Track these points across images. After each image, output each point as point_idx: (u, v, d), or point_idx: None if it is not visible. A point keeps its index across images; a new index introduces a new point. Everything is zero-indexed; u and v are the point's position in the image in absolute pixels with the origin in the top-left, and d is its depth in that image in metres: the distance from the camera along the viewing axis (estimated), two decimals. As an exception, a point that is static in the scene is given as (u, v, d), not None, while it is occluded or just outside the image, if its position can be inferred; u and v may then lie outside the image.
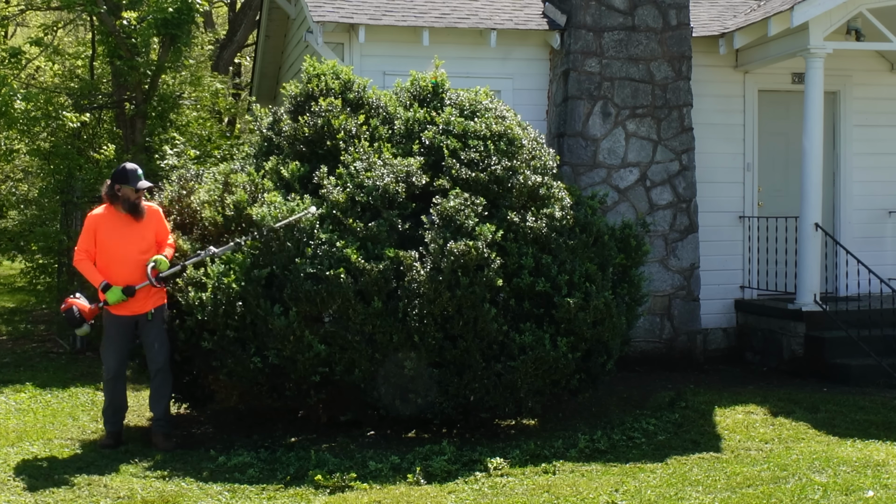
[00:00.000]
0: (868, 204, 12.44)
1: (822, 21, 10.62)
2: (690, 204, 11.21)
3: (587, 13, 10.97)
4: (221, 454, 7.38)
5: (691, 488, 6.58)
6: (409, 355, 7.55)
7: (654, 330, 11.06)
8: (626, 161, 11.05)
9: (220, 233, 8.01)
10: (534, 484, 6.72)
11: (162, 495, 6.50)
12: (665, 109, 11.15)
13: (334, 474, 6.82)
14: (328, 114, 8.36)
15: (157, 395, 7.77)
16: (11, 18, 20.75)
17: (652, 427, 8.18)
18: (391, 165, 8.02)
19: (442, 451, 7.32)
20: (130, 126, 13.87)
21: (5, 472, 6.97)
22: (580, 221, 8.27)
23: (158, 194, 8.69)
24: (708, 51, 11.65)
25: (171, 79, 14.12)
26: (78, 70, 16.17)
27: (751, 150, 12.07)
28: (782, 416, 8.59)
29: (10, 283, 20.73)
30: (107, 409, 7.78)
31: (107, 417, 7.79)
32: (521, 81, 11.39)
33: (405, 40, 10.91)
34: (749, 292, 11.92)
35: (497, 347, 7.75)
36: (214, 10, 24.22)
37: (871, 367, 10.17)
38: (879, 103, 12.53)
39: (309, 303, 7.44)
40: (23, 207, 14.91)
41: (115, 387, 7.76)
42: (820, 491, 6.42)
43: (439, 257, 7.54)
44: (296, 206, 7.70)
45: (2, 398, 9.48)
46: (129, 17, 12.98)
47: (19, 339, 13.40)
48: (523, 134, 8.60)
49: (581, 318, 7.81)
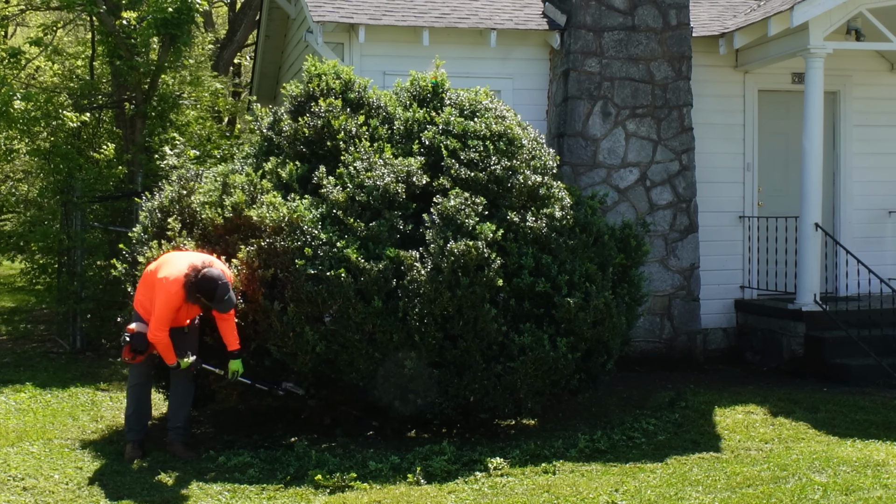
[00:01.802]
0: (868, 204, 12.44)
1: (822, 21, 10.62)
2: (690, 204, 11.21)
3: (587, 13, 10.97)
4: (221, 454, 7.38)
5: (691, 488, 6.58)
6: (409, 355, 7.55)
7: (654, 330, 11.06)
8: (626, 161, 11.05)
9: (220, 234, 8.01)
10: (534, 484, 6.72)
11: (162, 495, 6.50)
12: (665, 109, 11.15)
13: (334, 474, 6.82)
14: (328, 114, 8.36)
15: (180, 403, 7.55)
16: (11, 18, 20.75)
17: (652, 427, 8.18)
18: (391, 165, 8.02)
19: (442, 451, 7.32)
20: (130, 126, 13.86)
21: (5, 471, 6.96)
22: (580, 221, 8.27)
23: (159, 194, 8.69)
24: (708, 51, 11.65)
25: (171, 79, 14.11)
26: (78, 70, 16.16)
27: (751, 150, 12.07)
28: (782, 416, 8.59)
29: (10, 283, 20.73)
30: (131, 416, 7.51)
31: (130, 426, 7.50)
32: (521, 81, 11.39)
33: (405, 40, 10.91)
34: (749, 292, 11.91)
35: (497, 348, 7.75)
36: (214, 10, 24.22)
37: (871, 367, 10.17)
38: (879, 103, 12.53)
39: (310, 303, 7.44)
40: (23, 207, 14.90)
41: (141, 392, 7.55)
42: (820, 491, 6.42)
43: (439, 257, 7.54)
44: (297, 207, 7.70)
45: (2, 398, 9.48)
46: (129, 17, 12.97)
47: (19, 339, 13.40)
48: (523, 134, 8.60)
49: (581, 318, 7.81)
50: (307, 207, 7.72)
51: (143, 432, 7.54)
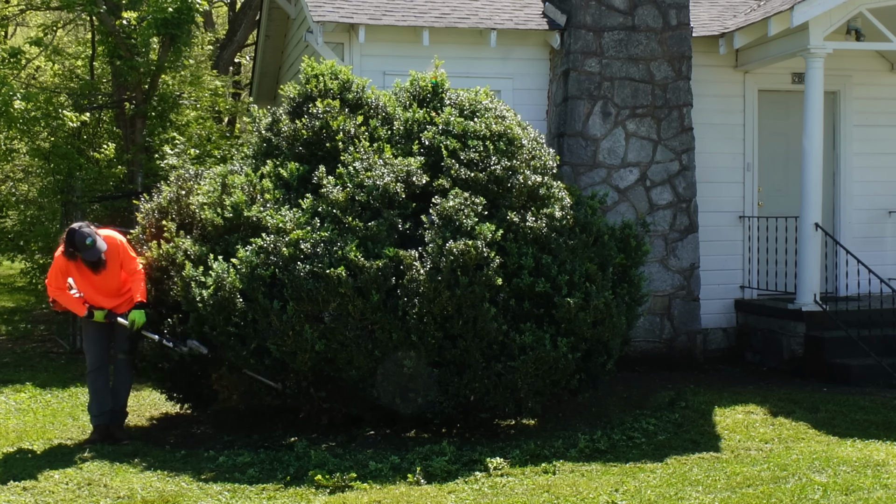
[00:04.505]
0: (868, 204, 12.43)
1: (822, 21, 10.62)
2: (690, 204, 11.21)
3: (587, 13, 10.97)
4: (221, 454, 7.38)
5: (691, 488, 6.58)
6: (408, 354, 7.55)
7: (654, 330, 11.06)
8: (626, 161, 11.05)
9: (220, 234, 8.01)
10: (534, 484, 6.72)
11: (162, 495, 6.50)
12: (665, 109, 11.15)
13: (334, 474, 6.82)
14: (326, 115, 8.36)
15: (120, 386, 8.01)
16: (11, 18, 20.75)
17: (652, 427, 8.18)
18: (391, 165, 8.02)
19: (442, 450, 7.32)
20: (130, 126, 13.88)
21: (5, 471, 6.96)
22: (580, 221, 8.26)
23: (157, 195, 8.68)
24: (708, 51, 11.65)
25: (171, 79, 14.12)
26: (78, 70, 16.17)
27: (751, 150, 12.07)
28: (782, 415, 8.59)
29: (10, 283, 20.74)
30: (90, 403, 7.94)
31: (91, 411, 7.94)
32: (521, 81, 11.39)
33: (405, 40, 10.91)
34: (749, 292, 11.91)
35: (497, 347, 7.75)
36: (214, 10, 24.21)
37: (871, 366, 10.17)
38: (879, 103, 12.52)
39: (310, 301, 7.44)
40: (23, 207, 14.90)
41: (97, 379, 7.88)
42: (820, 491, 6.42)
43: (438, 256, 7.54)
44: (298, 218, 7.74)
45: (2, 398, 9.48)
46: (129, 17, 12.98)
47: (19, 339, 13.40)
48: (523, 134, 8.60)
49: (581, 318, 7.81)
50: (304, 220, 7.74)
51: (103, 418, 7.89)
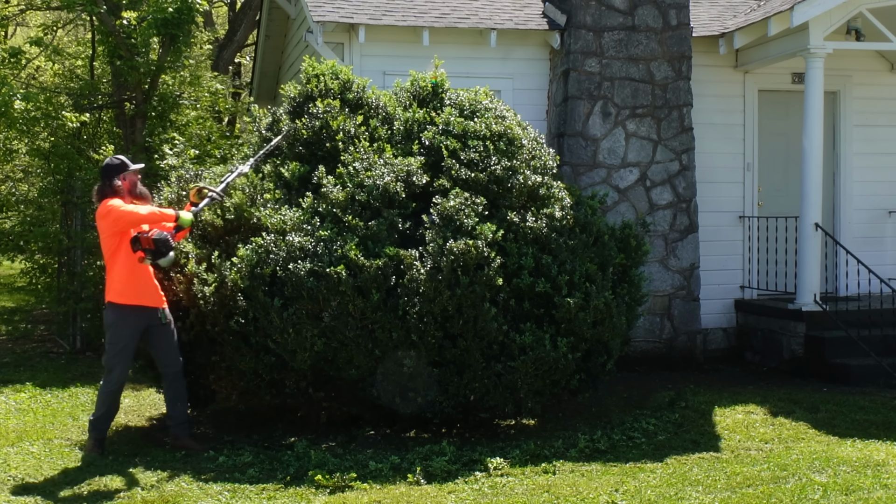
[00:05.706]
0: (868, 204, 12.44)
1: (822, 21, 10.62)
2: (690, 204, 11.21)
3: (587, 13, 10.97)
4: (221, 454, 7.38)
5: (691, 488, 6.58)
6: (408, 353, 7.55)
7: (654, 330, 11.06)
8: (626, 161, 11.05)
9: (220, 234, 8.02)
10: (534, 484, 6.72)
11: (162, 495, 6.50)
12: (665, 109, 11.15)
13: (334, 474, 6.82)
14: (326, 115, 8.36)
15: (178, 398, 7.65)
16: (11, 18, 20.75)
17: (652, 427, 8.18)
18: (391, 165, 8.02)
19: (442, 450, 7.32)
20: (130, 126, 13.86)
21: (5, 471, 6.97)
22: (580, 221, 8.27)
23: (158, 195, 8.68)
24: (708, 51, 11.65)
25: (171, 79, 14.11)
26: (78, 70, 16.16)
27: (751, 150, 12.07)
28: (782, 416, 8.59)
29: (10, 283, 20.74)
30: (102, 417, 7.52)
31: (99, 426, 7.52)
32: (521, 81, 11.39)
33: (405, 40, 10.91)
34: (749, 292, 11.92)
35: (497, 347, 7.75)
36: (214, 10, 24.21)
37: (871, 367, 10.17)
38: (879, 103, 12.53)
39: (310, 300, 7.45)
40: (23, 208, 14.89)
41: (118, 397, 7.59)
42: (820, 491, 6.42)
43: (439, 256, 7.54)
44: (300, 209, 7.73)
45: (2, 398, 9.48)
46: (129, 17, 12.97)
47: (19, 339, 13.40)
48: (523, 134, 8.60)
49: (581, 318, 7.81)
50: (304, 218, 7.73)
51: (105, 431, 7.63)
